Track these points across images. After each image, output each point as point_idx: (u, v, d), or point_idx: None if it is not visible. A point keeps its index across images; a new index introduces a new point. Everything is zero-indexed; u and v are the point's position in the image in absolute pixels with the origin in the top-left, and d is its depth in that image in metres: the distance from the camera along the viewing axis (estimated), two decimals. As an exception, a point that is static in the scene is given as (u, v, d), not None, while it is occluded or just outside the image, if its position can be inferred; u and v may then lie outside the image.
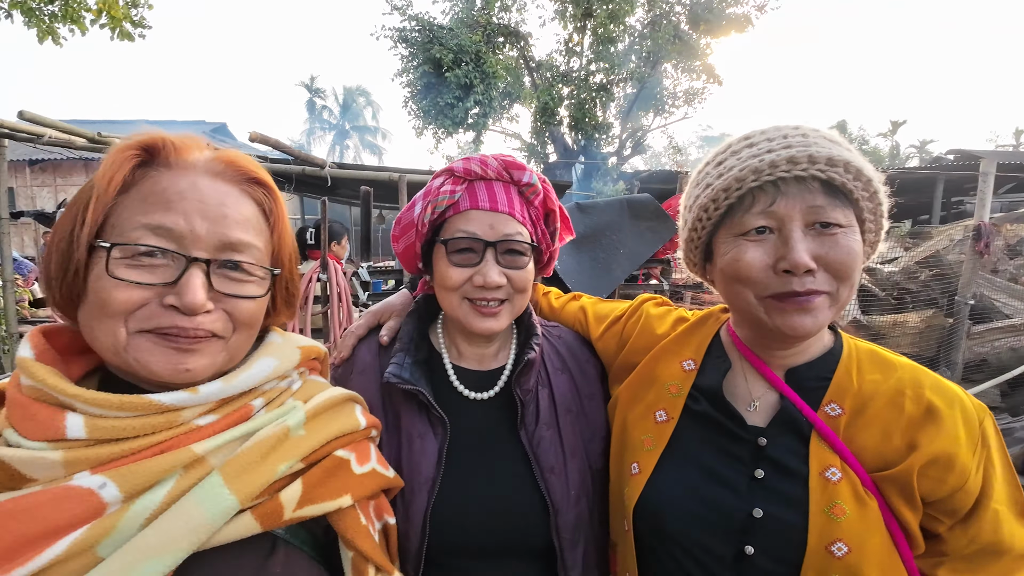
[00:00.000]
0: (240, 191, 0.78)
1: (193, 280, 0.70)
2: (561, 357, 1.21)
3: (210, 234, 0.72)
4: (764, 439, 0.92)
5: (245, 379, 0.76)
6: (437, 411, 1.05)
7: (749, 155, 0.88)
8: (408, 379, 1.05)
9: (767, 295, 0.87)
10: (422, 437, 1.04)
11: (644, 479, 0.99)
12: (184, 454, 0.67)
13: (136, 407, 0.66)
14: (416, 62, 16.86)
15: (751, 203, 0.88)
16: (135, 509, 0.63)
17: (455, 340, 1.18)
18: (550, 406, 1.12)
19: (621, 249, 5.05)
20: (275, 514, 0.71)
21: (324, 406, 0.84)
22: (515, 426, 1.09)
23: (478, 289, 1.04)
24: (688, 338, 1.11)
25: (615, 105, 18.99)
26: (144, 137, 0.73)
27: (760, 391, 0.97)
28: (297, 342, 0.90)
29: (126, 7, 8.07)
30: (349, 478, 0.81)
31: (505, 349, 1.19)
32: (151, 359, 0.69)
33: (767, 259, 0.86)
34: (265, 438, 0.73)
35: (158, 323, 0.69)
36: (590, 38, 17.58)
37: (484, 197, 1.06)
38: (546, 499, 1.03)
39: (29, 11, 7.40)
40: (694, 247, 1.01)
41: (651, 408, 1.06)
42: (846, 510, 0.82)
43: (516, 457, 1.07)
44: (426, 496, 1.00)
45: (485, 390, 1.13)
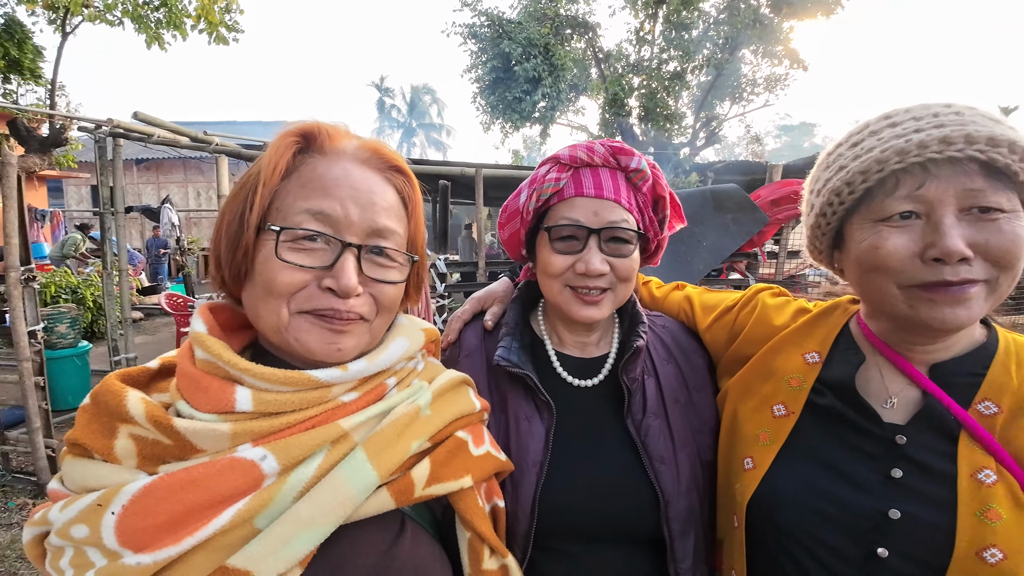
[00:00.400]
0: (383, 178, 0.80)
1: (348, 264, 0.73)
2: (667, 347, 1.19)
3: (361, 220, 0.75)
4: (903, 437, 0.86)
5: (384, 358, 0.79)
6: (543, 395, 1.05)
7: (892, 135, 0.82)
8: (516, 362, 1.06)
9: (912, 284, 0.81)
10: (529, 420, 1.05)
11: (759, 474, 0.96)
12: (333, 429, 0.69)
13: (296, 382, 0.69)
14: (485, 57, 17.03)
15: (894, 186, 0.82)
16: (290, 482, 0.65)
17: (556, 327, 1.17)
18: (657, 396, 1.10)
19: (703, 242, 4.81)
20: (408, 491, 0.73)
21: (446, 387, 0.86)
22: (621, 415, 1.07)
23: (580, 277, 1.03)
24: (811, 329, 1.05)
25: (688, 94, 18.40)
26: (302, 125, 0.77)
27: (898, 387, 0.91)
28: (420, 324, 0.92)
29: (221, 12, 8.65)
30: (468, 459, 0.83)
31: (607, 338, 1.18)
32: (309, 338, 0.72)
33: (912, 246, 0.80)
34: (400, 416, 0.75)
35: (316, 305, 0.72)
36: (662, 26, 17.08)
37: (589, 184, 1.05)
38: (656, 489, 1.01)
39: (138, 18, 8.10)
40: (821, 233, 0.96)
41: (767, 402, 1.02)
42: (1002, 515, 0.77)
43: (623, 446, 1.05)
44: (535, 478, 1.00)
45: (589, 377, 1.12)
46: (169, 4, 8.12)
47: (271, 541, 0.62)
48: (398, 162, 0.83)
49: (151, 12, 8.28)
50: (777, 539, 0.92)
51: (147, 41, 8.45)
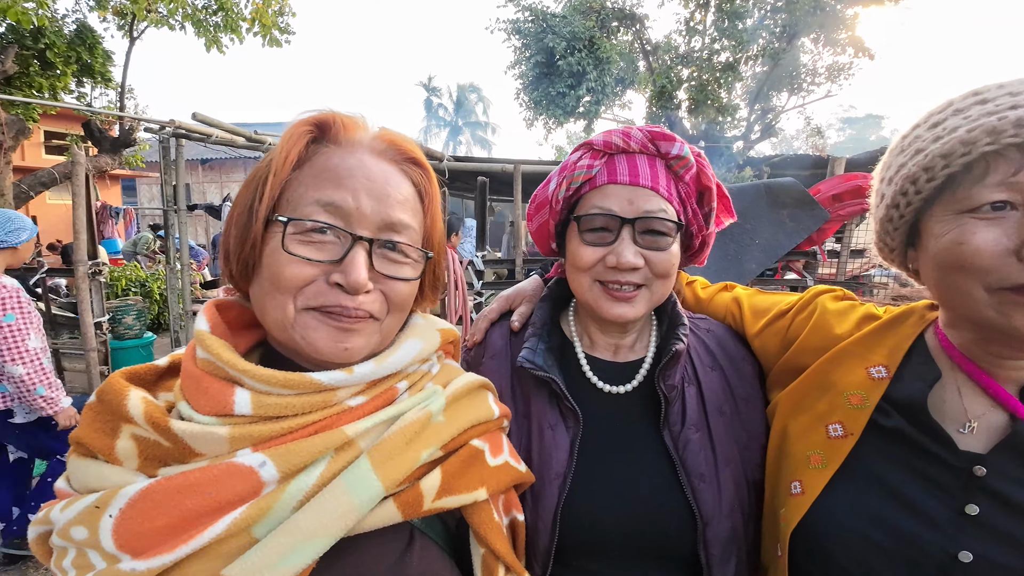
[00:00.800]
0: (400, 171, 0.77)
1: (358, 259, 0.70)
2: (711, 353, 1.09)
3: (374, 213, 0.72)
4: (982, 468, 0.77)
5: (394, 361, 0.75)
6: (569, 402, 0.98)
7: (982, 112, 0.72)
8: (541, 365, 0.99)
9: (1004, 287, 0.71)
10: (553, 428, 0.99)
11: (808, 501, 0.87)
12: (337, 435, 0.66)
13: (297, 385, 0.66)
14: (529, 53, 16.94)
15: (983, 172, 0.72)
16: (290, 490, 0.62)
17: (587, 327, 1.10)
18: (699, 406, 1.02)
19: (756, 239, 4.54)
20: (416, 503, 0.70)
21: (462, 392, 0.82)
22: (657, 425, 1.00)
23: (611, 271, 0.96)
24: (879, 339, 0.93)
25: (742, 86, 17.67)
26: (316, 114, 0.74)
27: (980, 409, 0.81)
28: (436, 324, 0.88)
29: (274, 15, 8.95)
30: (484, 470, 0.79)
31: (643, 340, 1.10)
32: (316, 336, 0.69)
33: (1005, 242, 0.70)
34: (410, 423, 0.72)
35: (323, 301, 0.69)
36: (714, 15, 16.45)
37: (624, 170, 0.97)
38: (694, 509, 0.93)
39: (198, 23, 8.49)
40: (893, 228, 0.85)
41: (822, 420, 0.92)
42: None
43: (658, 459, 0.98)
44: (557, 491, 0.94)
45: (621, 384, 1.04)
46: (226, 8, 8.47)
47: (268, 552, 0.59)
48: (415, 154, 0.80)
49: (210, 16, 8.66)
50: (826, 572, 0.84)
51: (206, 44, 8.85)
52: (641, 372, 1.05)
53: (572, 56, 15.64)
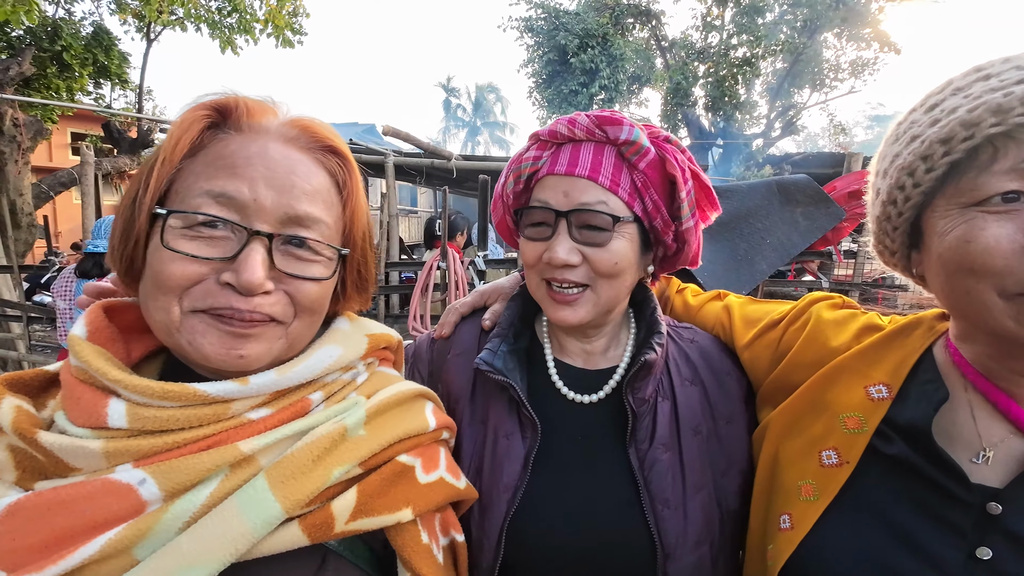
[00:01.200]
0: (313, 160, 0.72)
1: (253, 256, 0.64)
2: (692, 366, 1.01)
3: (275, 205, 0.66)
4: (998, 506, 0.67)
5: (302, 370, 0.70)
6: (528, 410, 0.91)
7: (985, 89, 0.64)
8: (499, 368, 0.93)
9: (1021, 292, 0.62)
10: (508, 437, 0.93)
11: (798, 537, 0.79)
12: (230, 452, 0.62)
13: (179, 396, 0.61)
14: (541, 51, 16.90)
15: (991, 158, 0.63)
16: (174, 510, 0.58)
17: (555, 331, 1.04)
18: (671, 423, 0.94)
19: (767, 239, 4.38)
20: (325, 526, 0.65)
21: (389, 403, 0.76)
22: (623, 441, 0.92)
23: (548, 268, 0.91)
24: (881, 354, 0.84)
25: (761, 82, 17.34)
26: (219, 98, 0.69)
27: (997, 436, 0.71)
28: (366, 329, 0.82)
29: (288, 17, 9.03)
30: (412, 488, 0.74)
31: (618, 347, 1.03)
32: (204, 342, 0.64)
33: (1021, 239, 0.61)
34: (319, 438, 0.66)
35: (213, 303, 0.63)
36: (732, 10, 16.19)
37: (564, 160, 0.91)
38: (655, 538, 0.86)
39: (213, 24, 8.61)
40: (892, 228, 0.76)
41: (815, 445, 0.84)
42: None
43: (621, 479, 0.90)
44: (505, 505, 0.88)
45: (589, 392, 0.97)
46: (240, 9, 8.57)
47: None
48: (333, 142, 0.74)
49: (224, 18, 8.78)
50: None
51: (221, 46, 8.98)
52: (612, 381, 0.97)
53: (585, 53, 15.55)
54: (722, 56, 16.13)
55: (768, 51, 15.84)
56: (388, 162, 6.09)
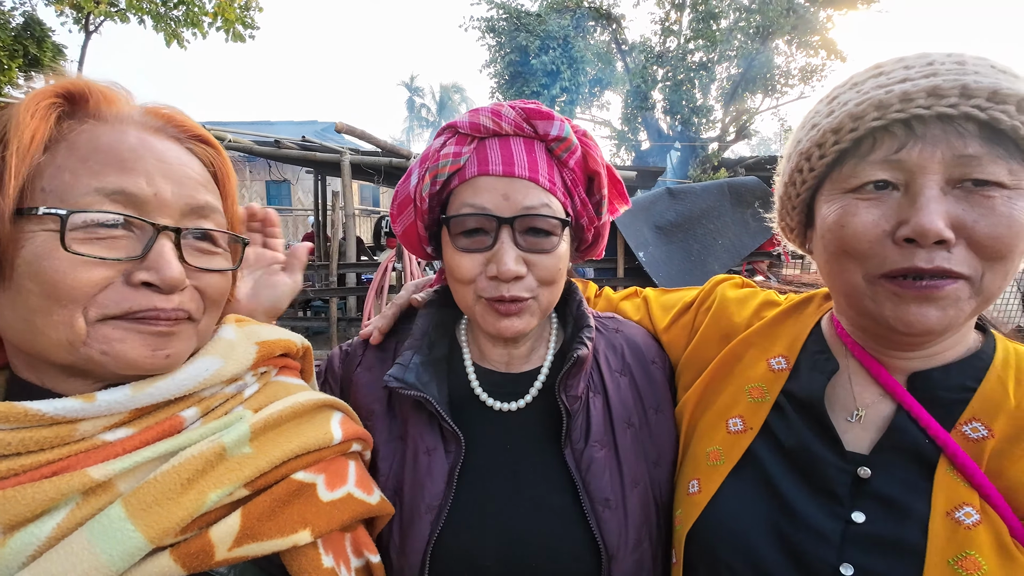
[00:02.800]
0: (186, 149, 0.69)
1: (166, 251, 0.61)
2: (620, 356, 0.99)
3: (176, 197, 0.63)
4: (867, 469, 0.73)
5: (167, 385, 0.63)
6: (448, 424, 0.86)
7: (874, 86, 0.69)
8: (412, 383, 0.86)
9: (880, 274, 0.69)
10: (430, 453, 0.87)
11: (704, 501, 0.83)
12: (78, 478, 0.56)
13: (7, 417, 0.55)
14: (503, 52, 16.90)
15: (870, 148, 0.69)
16: (13, 545, 0.53)
17: (476, 337, 0.98)
18: (604, 419, 0.90)
19: (719, 240, 4.50)
20: (202, 554, 0.59)
21: (283, 416, 0.70)
22: (557, 444, 0.88)
23: (493, 283, 0.83)
24: (778, 329, 0.91)
25: (716, 87, 17.83)
26: (65, 83, 0.63)
27: (869, 399, 0.78)
28: (257, 336, 0.76)
29: (241, 11, 8.72)
30: (311, 507, 0.68)
31: (541, 347, 0.98)
32: (126, 348, 0.59)
33: (884, 224, 0.68)
34: (190, 459, 0.61)
35: (131, 306, 0.59)
36: (689, 15, 16.56)
37: (496, 158, 0.83)
38: (598, 541, 0.82)
39: (158, 17, 8.23)
40: (791, 207, 0.83)
41: (724, 414, 0.88)
42: (982, 565, 0.63)
43: (557, 485, 0.86)
44: (429, 526, 0.82)
45: (515, 399, 0.92)
46: (187, 2, 8.21)
47: None
48: (199, 131, 0.72)
49: (170, 11, 8.40)
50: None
51: (166, 39, 8.59)
52: (537, 384, 0.93)
53: (546, 55, 15.65)
54: (680, 60, 16.51)
55: (723, 56, 16.33)
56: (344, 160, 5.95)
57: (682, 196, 4.87)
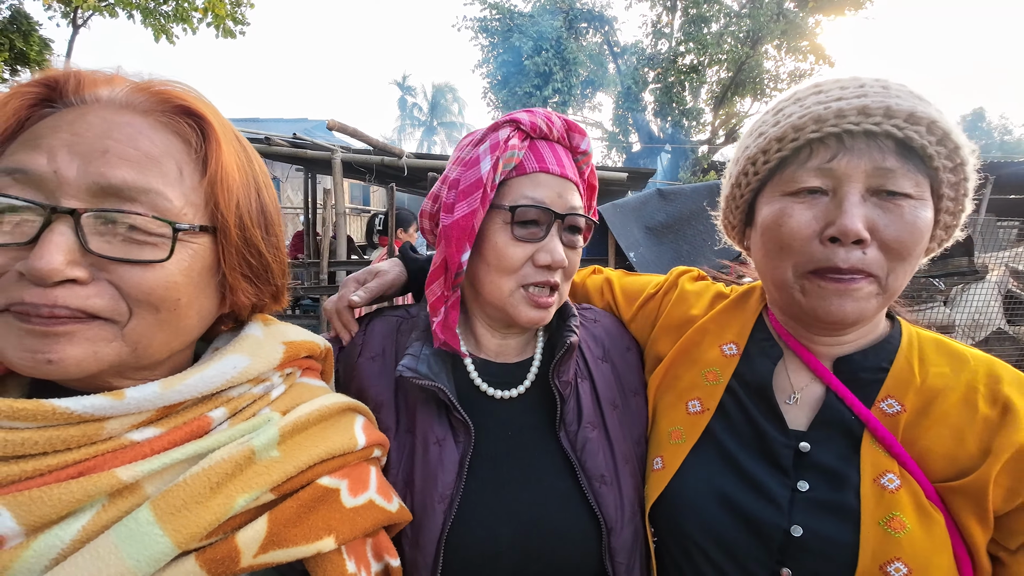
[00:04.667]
0: (152, 122, 0.60)
1: (50, 239, 0.53)
2: (600, 344, 1.05)
3: (81, 175, 0.55)
4: (807, 444, 0.83)
5: (196, 383, 0.61)
6: (460, 414, 0.87)
7: (815, 102, 0.78)
8: (426, 374, 0.87)
9: (807, 270, 0.78)
10: (440, 443, 0.88)
11: (668, 476, 0.90)
12: (105, 479, 0.54)
13: (34, 415, 0.53)
14: (496, 52, 16.95)
15: (807, 157, 0.78)
16: (37, 548, 0.51)
17: (473, 328, 1.00)
18: (593, 401, 0.96)
19: (708, 241, 4.55)
20: (229, 560, 0.58)
21: (310, 419, 0.69)
22: (552, 428, 0.92)
23: (540, 270, 0.88)
24: (728, 318, 0.99)
25: (706, 90, 17.97)
26: (50, 72, 0.60)
27: (802, 382, 0.88)
28: (284, 336, 0.74)
29: (232, 6, 8.63)
30: (335, 513, 0.67)
31: (532, 339, 1.03)
32: (5, 345, 0.54)
33: (815, 225, 0.76)
34: (219, 462, 0.59)
35: (7, 298, 0.54)
36: (680, 18, 16.68)
37: (552, 159, 0.89)
38: (598, 515, 0.86)
39: (147, 11, 8.12)
40: (735, 206, 0.91)
41: (683, 396, 0.96)
42: (906, 524, 0.73)
43: (556, 466, 0.90)
44: (441, 517, 0.82)
45: (511, 387, 0.96)
46: (177, -3, 8.13)
47: None
48: (186, 101, 0.62)
49: (159, 6, 8.30)
50: (684, 550, 0.86)
51: (155, 34, 8.48)
52: (532, 372, 0.97)
53: (539, 56, 15.72)
54: (670, 63, 16.63)
55: (714, 60, 16.46)
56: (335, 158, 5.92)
57: (672, 197, 4.91)
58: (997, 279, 4.76)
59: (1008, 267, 5.09)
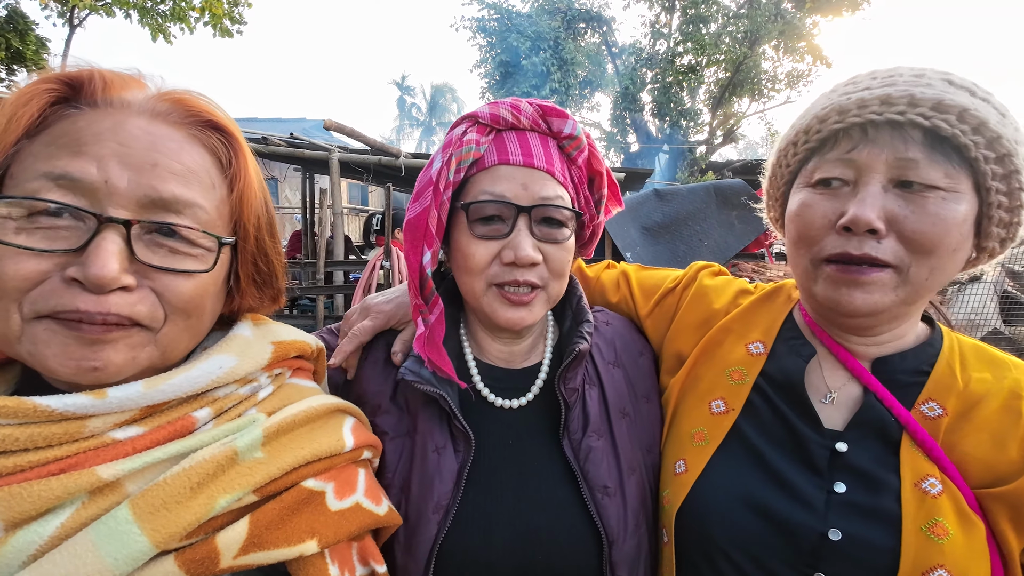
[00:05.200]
0: (186, 135, 0.63)
1: (104, 246, 0.55)
2: (613, 348, 1.01)
3: (133, 187, 0.57)
4: (844, 444, 0.79)
5: (180, 383, 0.61)
6: (460, 423, 0.85)
7: (842, 92, 0.77)
8: (428, 378, 0.86)
9: (822, 258, 0.77)
10: (440, 451, 0.86)
11: (691, 479, 0.86)
12: (85, 477, 0.54)
13: (15, 412, 0.54)
14: (494, 52, 16.98)
15: (831, 147, 0.77)
16: (15, 543, 0.52)
17: (475, 332, 0.98)
18: (601, 409, 0.92)
19: (705, 241, 4.57)
20: (208, 561, 0.58)
21: (296, 420, 0.69)
22: (556, 435, 0.89)
23: (508, 268, 0.84)
24: (754, 316, 0.97)
25: (704, 91, 18.00)
26: (71, 70, 0.60)
27: (839, 382, 0.85)
28: (274, 336, 0.74)
29: (230, 6, 8.62)
30: (319, 516, 0.67)
31: (540, 343, 0.99)
32: (47, 352, 0.55)
33: (831, 215, 0.76)
34: (201, 462, 0.59)
35: (57, 304, 0.54)
36: (679, 19, 16.71)
37: (516, 149, 0.85)
38: (599, 527, 0.84)
39: (144, 11, 8.11)
40: (774, 200, 0.92)
41: (706, 397, 0.93)
42: (949, 530, 0.70)
43: (557, 475, 0.87)
44: (436, 527, 0.81)
45: (518, 395, 0.93)
46: (174, -3, 8.12)
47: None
48: (214, 115, 0.66)
49: (156, 4, 8.29)
50: (709, 557, 0.82)
51: (152, 34, 8.48)
52: (540, 379, 0.94)
53: (536, 56, 15.75)
54: (668, 63, 16.65)
55: (712, 60, 16.50)
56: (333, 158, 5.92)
57: (669, 197, 4.92)
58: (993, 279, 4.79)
59: (1005, 268, 5.11)
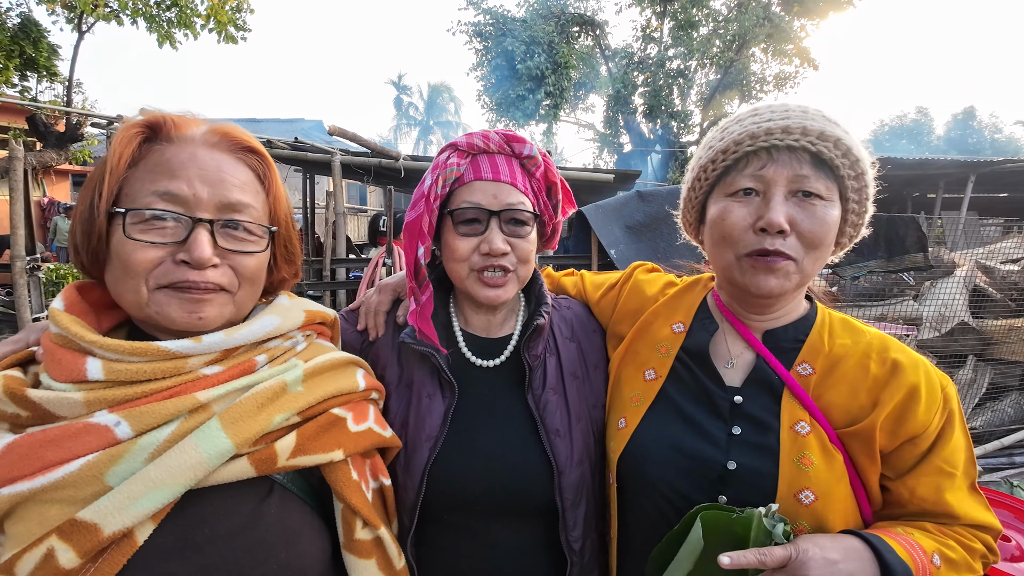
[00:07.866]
0: (235, 159, 0.85)
1: (200, 237, 0.77)
2: (570, 326, 1.26)
3: (211, 196, 0.79)
4: (740, 397, 0.99)
5: (247, 333, 0.82)
6: (447, 375, 1.10)
7: (751, 122, 0.95)
8: (422, 341, 1.10)
9: (744, 253, 0.94)
10: (431, 396, 1.10)
11: (630, 432, 1.06)
12: (188, 400, 0.73)
13: (144, 352, 0.73)
14: (490, 56, 17.12)
15: (744, 166, 0.95)
16: (141, 443, 0.69)
17: (463, 309, 1.24)
18: (557, 372, 1.16)
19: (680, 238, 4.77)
20: (269, 460, 0.77)
21: (324, 367, 0.89)
22: (522, 390, 1.13)
23: (484, 257, 1.09)
24: (678, 302, 1.17)
25: (695, 92, 18.20)
26: (147, 116, 0.82)
27: (738, 351, 1.05)
28: (304, 305, 0.97)
29: (232, 12, 8.80)
30: (343, 434, 0.87)
31: (512, 318, 1.24)
32: (170, 310, 0.77)
33: (749, 219, 0.93)
34: (262, 390, 0.79)
35: (173, 278, 0.77)
36: (670, 23, 16.93)
37: (487, 168, 1.10)
38: (551, 460, 1.07)
39: (151, 18, 8.30)
40: (691, 207, 1.09)
41: (642, 367, 1.13)
42: (814, 461, 0.90)
43: (522, 420, 1.11)
44: (427, 452, 1.05)
45: (492, 357, 1.18)
46: (180, 4, 8.32)
47: (119, 498, 0.66)
48: (250, 143, 0.88)
49: (163, 12, 8.48)
50: (644, 490, 1.03)
51: (159, 40, 8.64)
52: (510, 346, 1.18)
53: (531, 59, 15.92)
54: (659, 66, 16.83)
55: (701, 63, 16.71)
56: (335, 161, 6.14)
57: (650, 199, 5.14)
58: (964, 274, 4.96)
59: (977, 263, 5.18)
